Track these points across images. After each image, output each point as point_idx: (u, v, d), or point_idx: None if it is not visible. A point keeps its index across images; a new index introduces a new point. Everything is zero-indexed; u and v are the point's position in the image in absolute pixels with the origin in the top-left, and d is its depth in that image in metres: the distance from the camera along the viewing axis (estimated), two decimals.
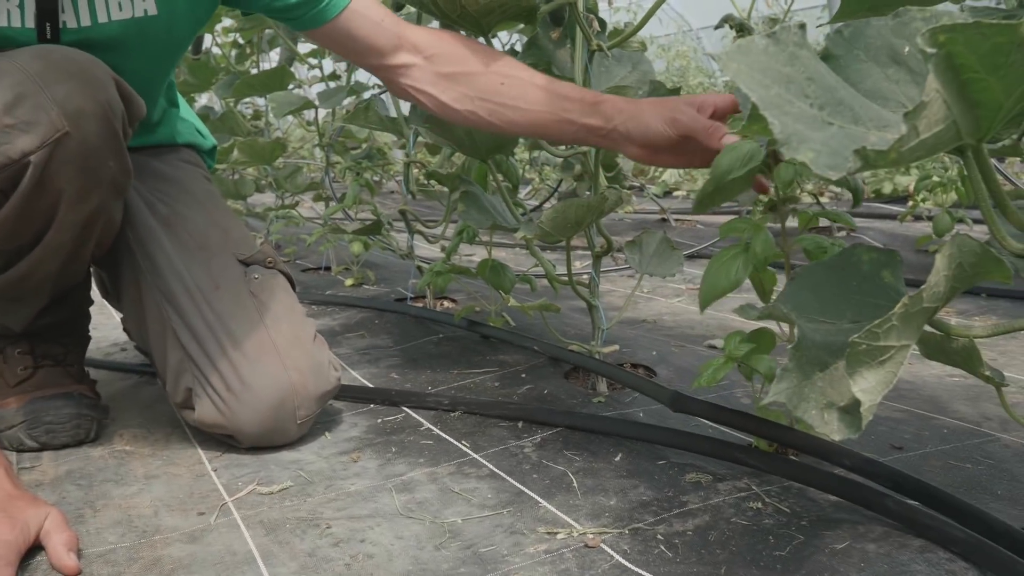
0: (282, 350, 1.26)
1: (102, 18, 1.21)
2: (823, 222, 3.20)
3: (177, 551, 0.98)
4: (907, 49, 0.68)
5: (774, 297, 1.04)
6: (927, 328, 0.69)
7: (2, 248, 1.20)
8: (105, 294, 1.60)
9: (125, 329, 1.75)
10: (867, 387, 0.61)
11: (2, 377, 1.35)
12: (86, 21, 1.20)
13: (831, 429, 0.64)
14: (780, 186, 1.02)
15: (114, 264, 1.39)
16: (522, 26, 1.77)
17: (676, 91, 1.25)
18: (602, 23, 1.39)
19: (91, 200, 1.17)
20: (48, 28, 1.18)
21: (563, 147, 1.90)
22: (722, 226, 1.06)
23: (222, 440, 1.30)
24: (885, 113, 0.62)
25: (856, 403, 0.63)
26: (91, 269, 1.47)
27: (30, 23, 1.17)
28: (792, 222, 1.22)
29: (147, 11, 1.23)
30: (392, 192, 5.83)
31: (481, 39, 1.38)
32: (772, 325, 1.08)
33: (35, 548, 0.97)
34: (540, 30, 1.37)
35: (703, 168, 1.19)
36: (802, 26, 0.61)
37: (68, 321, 1.39)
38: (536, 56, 1.39)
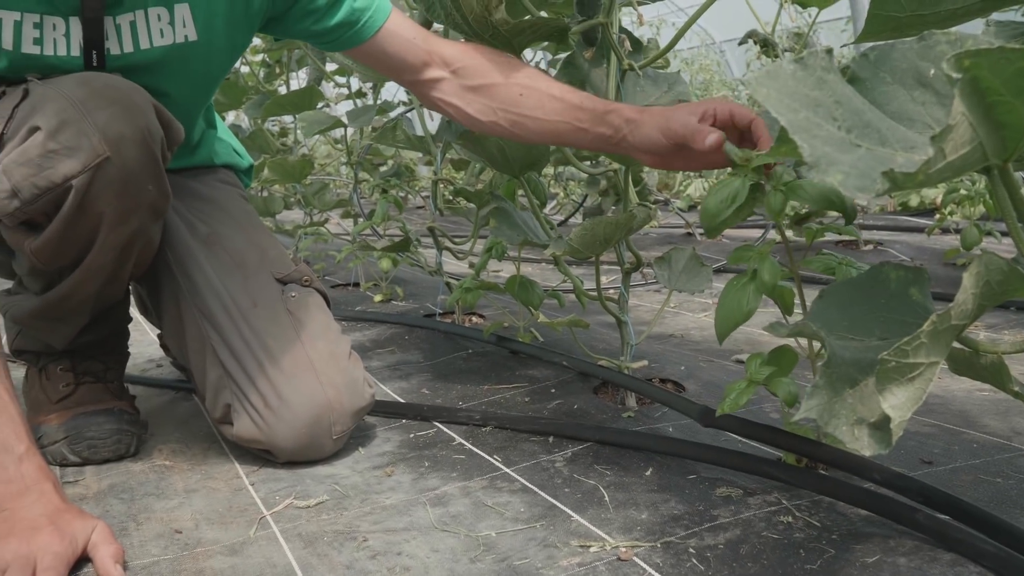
0: (318, 367, 1.29)
1: (144, 44, 1.25)
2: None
3: (219, 563, 1.01)
4: (932, 72, 0.69)
5: (797, 314, 1.05)
6: (955, 344, 0.70)
7: (44, 269, 1.24)
8: (144, 311, 1.63)
9: (162, 345, 1.79)
10: (897, 403, 0.62)
11: (44, 393, 1.38)
12: (129, 48, 1.24)
13: (861, 445, 0.65)
14: (772, 215, 1.04)
15: (154, 283, 1.42)
16: (545, 44, 1.80)
17: None
18: (636, 43, 1.41)
19: (131, 223, 1.21)
20: (94, 56, 1.22)
21: (588, 163, 1.92)
22: (731, 255, 1.08)
23: (259, 455, 1.32)
24: (911, 134, 0.63)
25: (886, 419, 0.64)
26: (130, 287, 1.50)
27: (76, 51, 1.21)
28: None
29: (187, 37, 1.26)
30: (418, 208, 5.87)
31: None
32: (792, 342, 1.09)
33: (82, 560, 0.99)
34: (576, 49, 1.40)
35: (713, 169, 1.21)
36: (829, 51, 0.62)
37: (108, 338, 1.42)
38: (571, 75, 1.41)
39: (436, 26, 1.94)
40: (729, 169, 1.09)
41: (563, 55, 1.49)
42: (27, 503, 0.99)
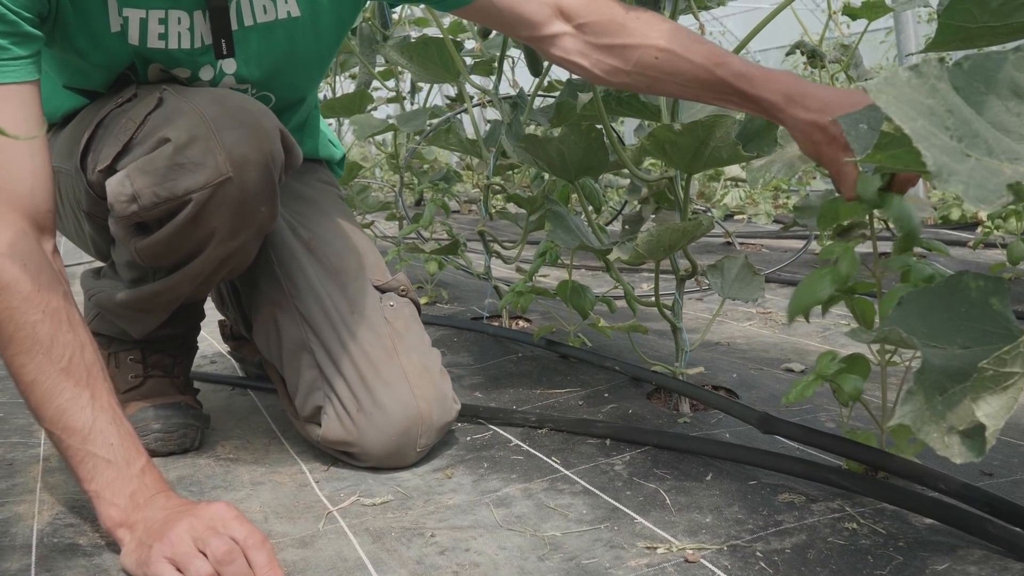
0: (412, 379, 1.30)
1: (248, 22, 1.25)
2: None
3: (290, 555, 1.03)
4: None
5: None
6: None
7: (142, 265, 1.27)
8: (221, 306, 1.64)
9: (225, 335, 1.82)
10: (991, 412, 0.63)
11: (112, 382, 1.41)
12: (234, 26, 1.24)
13: (952, 452, 0.66)
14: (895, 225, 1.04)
15: (252, 282, 1.42)
16: None
17: None
18: None
19: (238, 239, 1.23)
20: (224, 44, 1.23)
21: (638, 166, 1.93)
22: (822, 251, 1.08)
23: (336, 456, 1.33)
24: (1014, 145, 0.64)
25: (977, 427, 0.65)
26: None
27: (198, 43, 1.23)
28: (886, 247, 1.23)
29: (290, 13, 1.27)
30: (455, 212, 5.89)
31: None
32: (866, 352, 1.10)
33: None
34: None
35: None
36: (941, 59, 0.63)
37: (183, 333, 1.45)
38: None
39: None
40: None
41: None
42: (157, 506, 1.01)
